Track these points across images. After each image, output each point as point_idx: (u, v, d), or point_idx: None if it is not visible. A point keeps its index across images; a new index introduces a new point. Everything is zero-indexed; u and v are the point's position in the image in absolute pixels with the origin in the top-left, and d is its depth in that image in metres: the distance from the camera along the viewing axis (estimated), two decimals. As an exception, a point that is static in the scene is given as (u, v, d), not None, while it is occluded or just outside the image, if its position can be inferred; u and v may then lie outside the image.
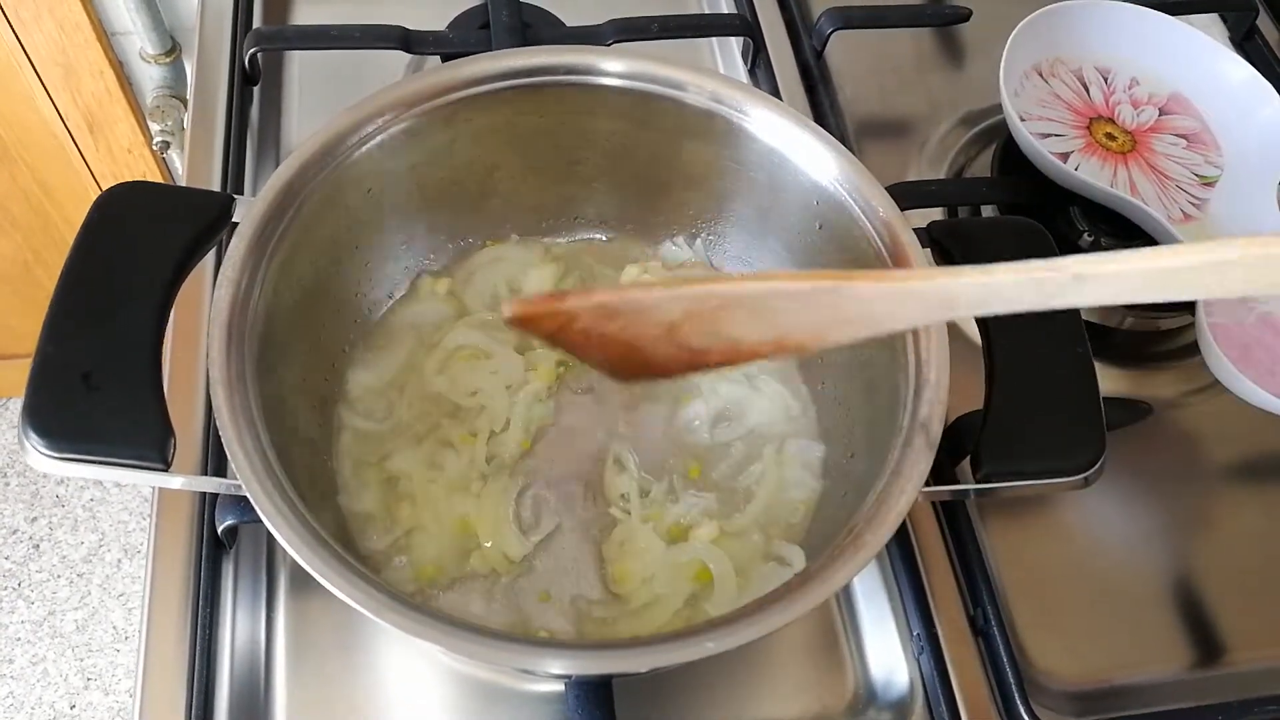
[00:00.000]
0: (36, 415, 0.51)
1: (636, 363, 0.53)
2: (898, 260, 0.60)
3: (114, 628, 1.77)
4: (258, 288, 0.56)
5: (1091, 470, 0.56)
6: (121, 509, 1.88)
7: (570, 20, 0.89)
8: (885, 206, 0.61)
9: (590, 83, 0.65)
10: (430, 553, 0.63)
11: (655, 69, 0.65)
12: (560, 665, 0.48)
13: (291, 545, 0.48)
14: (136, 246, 0.56)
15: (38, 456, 0.51)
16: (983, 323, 0.60)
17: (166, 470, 0.52)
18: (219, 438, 0.51)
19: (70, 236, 0.56)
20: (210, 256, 0.68)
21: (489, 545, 0.64)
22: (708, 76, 0.65)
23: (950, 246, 0.62)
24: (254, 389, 0.54)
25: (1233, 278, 0.39)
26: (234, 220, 0.59)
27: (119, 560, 1.83)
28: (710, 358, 0.51)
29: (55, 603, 1.79)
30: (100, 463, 0.51)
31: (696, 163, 0.69)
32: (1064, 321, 0.60)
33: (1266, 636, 0.70)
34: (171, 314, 0.57)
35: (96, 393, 0.51)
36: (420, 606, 0.48)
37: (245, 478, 0.49)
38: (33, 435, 0.50)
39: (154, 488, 0.67)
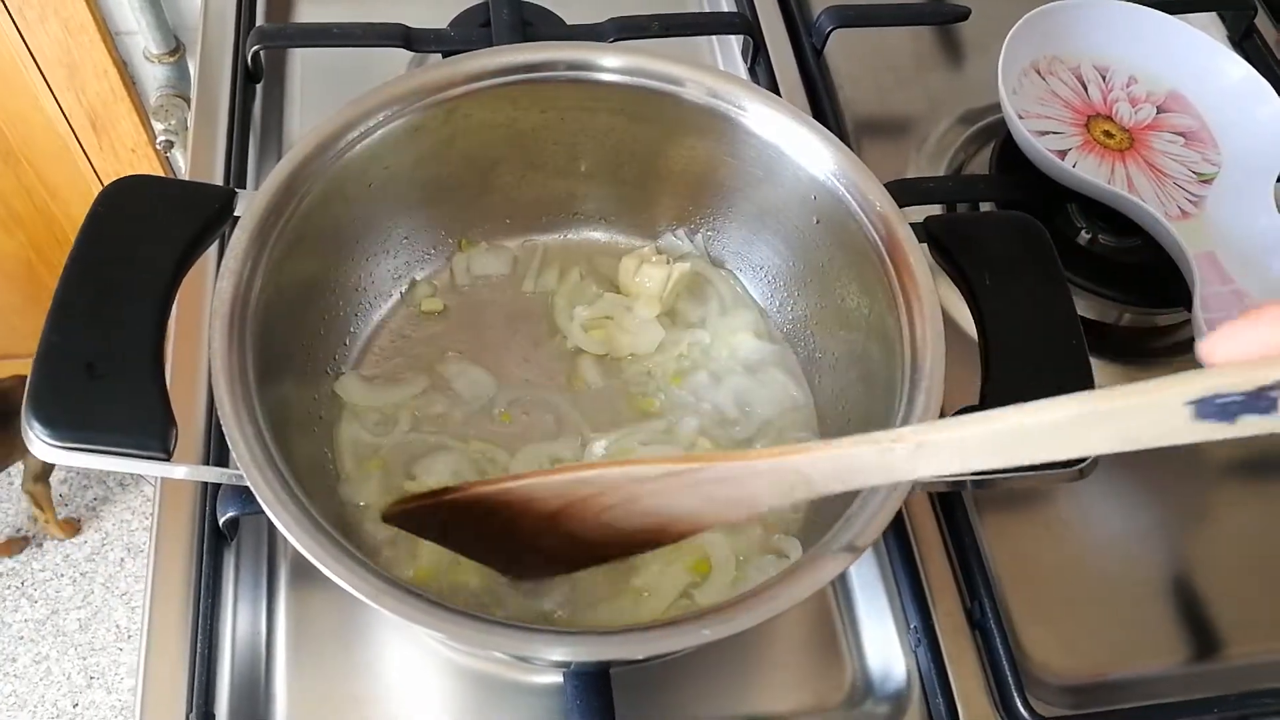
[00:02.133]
0: (40, 404, 0.51)
1: (532, 559, 0.55)
2: (894, 255, 0.60)
3: (117, 627, 1.78)
4: (259, 280, 0.57)
5: (1086, 462, 0.56)
6: (124, 508, 1.89)
7: (571, 18, 0.90)
8: (882, 201, 0.61)
9: (589, 78, 0.66)
10: (429, 545, 0.64)
11: (653, 64, 0.65)
12: (559, 652, 0.48)
13: (291, 532, 0.48)
14: (140, 239, 0.56)
15: (41, 445, 0.51)
16: (978, 317, 0.60)
17: (168, 460, 0.52)
18: (221, 428, 0.52)
19: (74, 235, 0.56)
20: (213, 250, 0.69)
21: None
22: (705, 72, 0.65)
23: (946, 241, 0.63)
24: (255, 380, 0.54)
25: (1090, 434, 0.37)
26: (236, 214, 0.60)
27: (122, 559, 1.84)
28: (601, 550, 0.53)
29: (58, 602, 1.79)
30: (103, 452, 0.51)
31: (695, 158, 0.69)
32: (1060, 317, 0.60)
33: (1262, 630, 0.70)
34: (175, 307, 0.57)
35: (99, 383, 0.52)
36: (420, 593, 0.48)
37: (246, 466, 0.50)
38: (36, 424, 0.51)
39: (157, 481, 0.68)
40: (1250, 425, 0.34)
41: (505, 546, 0.55)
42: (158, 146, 1.25)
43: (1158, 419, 0.35)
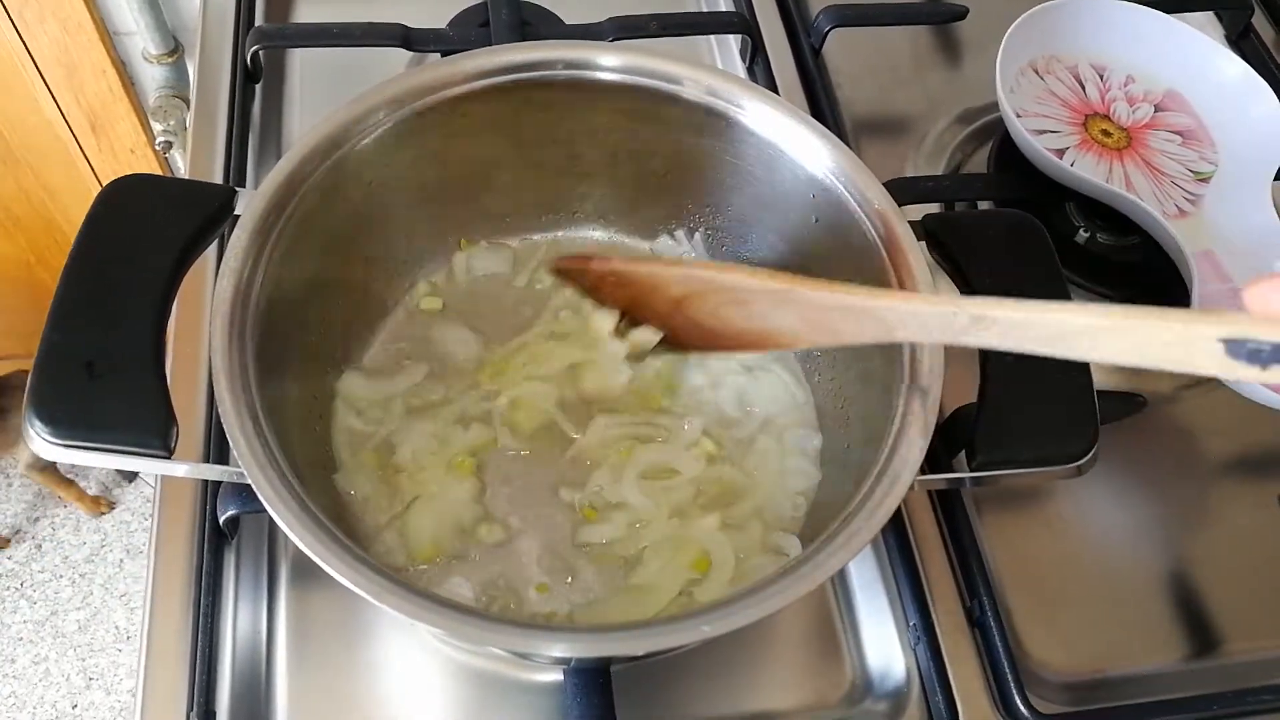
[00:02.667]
0: (41, 403, 0.51)
1: (663, 327, 0.63)
2: (893, 252, 0.60)
3: (116, 628, 1.78)
4: (259, 278, 0.57)
5: (1085, 459, 0.57)
6: (124, 509, 1.89)
7: (569, 18, 0.90)
8: (880, 199, 0.61)
9: (588, 77, 0.66)
10: (428, 530, 0.64)
11: (651, 63, 0.65)
12: (559, 648, 0.48)
13: (292, 529, 0.48)
14: (140, 238, 0.57)
15: (42, 444, 0.51)
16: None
17: (169, 457, 0.52)
18: (221, 426, 0.52)
19: (73, 237, 0.56)
20: (214, 249, 0.69)
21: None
22: (704, 71, 0.66)
23: (944, 239, 0.63)
24: (255, 378, 0.54)
25: (1124, 342, 0.40)
26: (236, 212, 0.60)
27: (121, 560, 1.84)
28: (719, 340, 0.59)
29: (57, 603, 1.79)
30: (103, 449, 0.51)
31: (693, 156, 0.69)
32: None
33: (1260, 628, 0.71)
34: (175, 306, 0.57)
35: (100, 381, 0.52)
36: (420, 590, 0.48)
37: (246, 463, 0.50)
38: (37, 423, 0.51)
39: (157, 480, 0.68)
40: (1277, 374, 0.36)
41: (644, 315, 0.63)
42: (157, 147, 1.25)
43: (1191, 345, 0.38)
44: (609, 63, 0.66)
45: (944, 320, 0.48)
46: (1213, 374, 0.38)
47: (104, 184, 0.68)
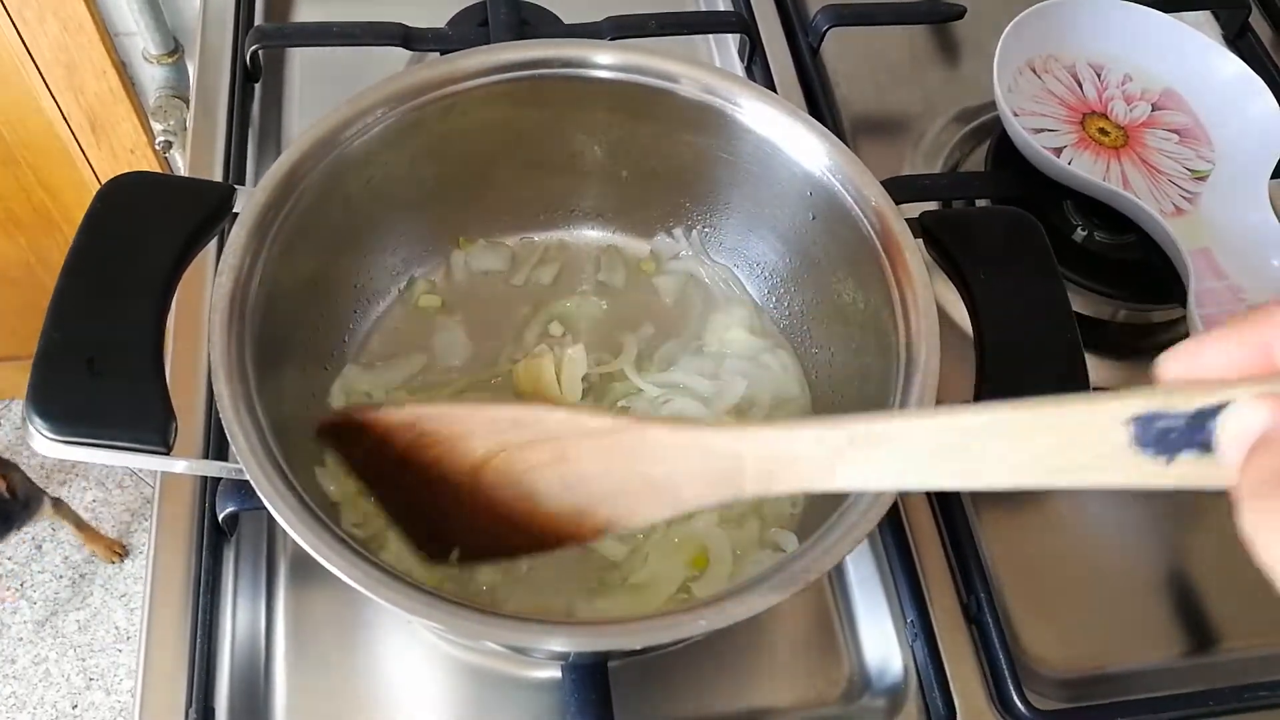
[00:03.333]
0: (40, 399, 0.51)
1: (444, 530, 0.52)
2: (889, 249, 0.60)
3: (116, 628, 1.78)
4: (258, 275, 0.57)
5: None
6: (124, 510, 1.89)
7: (568, 18, 0.90)
8: (877, 196, 0.61)
9: (584, 75, 0.66)
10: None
11: (648, 61, 0.66)
12: (557, 642, 0.48)
13: (289, 524, 0.49)
14: (139, 234, 0.57)
15: (41, 440, 0.51)
16: (973, 312, 0.61)
17: (168, 453, 0.52)
18: (220, 423, 0.52)
19: (73, 237, 0.57)
20: (214, 245, 0.69)
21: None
22: (700, 68, 0.66)
23: (941, 236, 0.63)
24: (254, 375, 0.54)
25: (1021, 450, 0.33)
26: (235, 210, 0.60)
27: (121, 561, 1.84)
28: (515, 535, 0.50)
29: (57, 603, 1.80)
30: (102, 446, 0.52)
31: (691, 154, 0.70)
32: (1055, 311, 0.61)
33: (1257, 625, 0.71)
34: (175, 303, 0.58)
35: (99, 377, 0.52)
36: (418, 585, 0.48)
37: (244, 458, 0.50)
38: (36, 419, 0.51)
39: (156, 477, 0.68)
40: (1187, 469, 0.30)
41: (421, 507, 0.52)
42: (157, 147, 1.25)
43: (1095, 438, 0.31)
44: (605, 61, 0.66)
45: (816, 447, 0.39)
46: (1127, 483, 0.31)
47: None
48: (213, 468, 0.57)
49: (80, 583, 1.82)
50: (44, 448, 0.52)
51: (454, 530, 0.52)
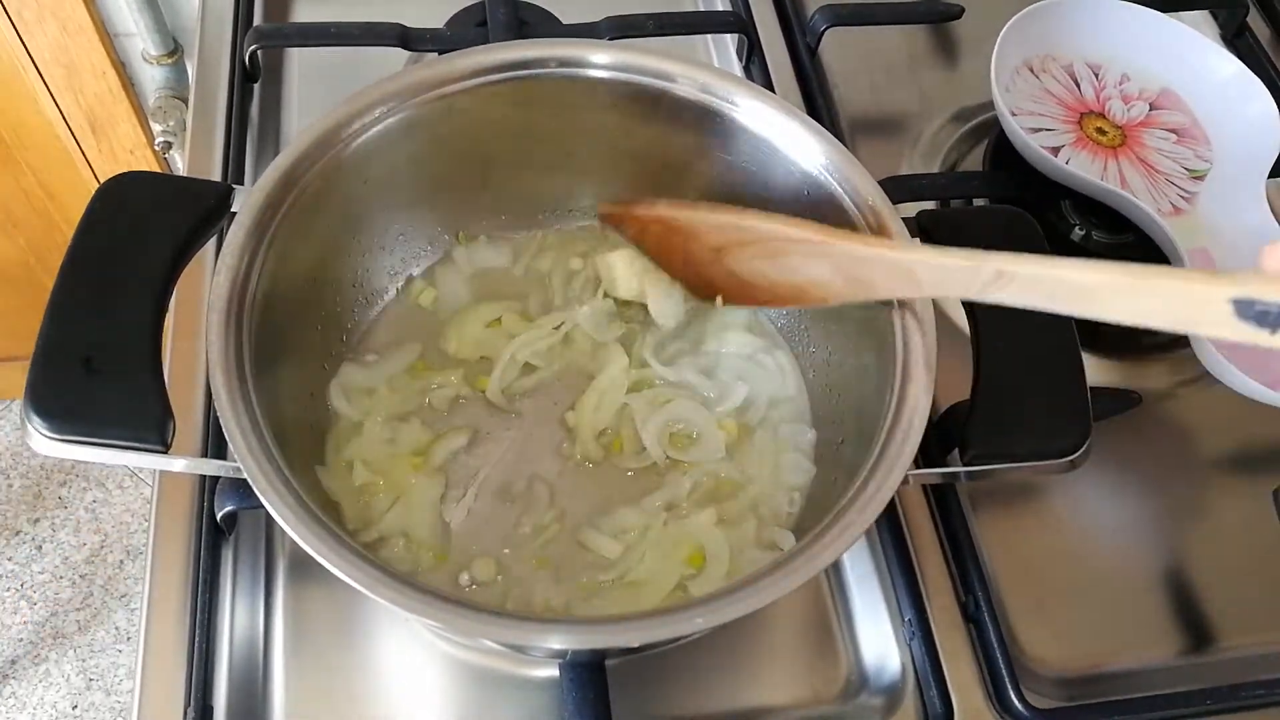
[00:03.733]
0: (38, 398, 0.51)
1: (703, 279, 0.66)
2: (886, 248, 0.61)
3: (116, 629, 1.78)
4: (256, 274, 0.57)
5: (1078, 453, 0.57)
6: (124, 510, 1.89)
7: (567, 18, 0.90)
8: (873, 194, 0.61)
9: (581, 75, 0.66)
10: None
11: (644, 60, 0.66)
12: (554, 640, 0.48)
13: (287, 523, 0.49)
14: (137, 233, 0.57)
15: (39, 439, 0.51)
16: (970, 310, 0.61)
17: (166, 452, 0.52)
18: (219, 421, 0.52)
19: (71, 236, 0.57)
20: (213, 246, 0.70)
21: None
22: (697, 68, 0.66)
23: (938, 234, 0.63)
24: (252, 373, 0.54)
25: (1140, 303, 0.42)
26: (234, 210, 0.60)
27: (121, 561, 1.84)
28: (754, 292, 0.63)
29: (58, 604, 1.80)
30: (100, 444, 0.52)
31: (688, 153, 0.70)
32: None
33: (1254, 623, 0.71)
34: (174, 303, 0.58)
35: (97, 376, 0.52)
36: (415, 583, 0.48)
37: (242, 456, 0.50)
38: (34, 418, 0.51)
39: (155, 476, 0.68)
40: None
41: (686, 263, 0.67)
42: (156, 148, 1.25)
43: (1202, 305, 0.39)
44: (602, 60, 0.66)
45: (968, 275, 0.50)
46: (1220, 335, 0.38)
47: (104, 183, 0.69)
48: (211, 466, 0.57)
49: (80, 583, 1.82)
50: (42, 447, 0.52)
51: (715, 285, 0.66)
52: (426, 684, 0.65)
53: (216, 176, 0.81)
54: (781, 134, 0.65)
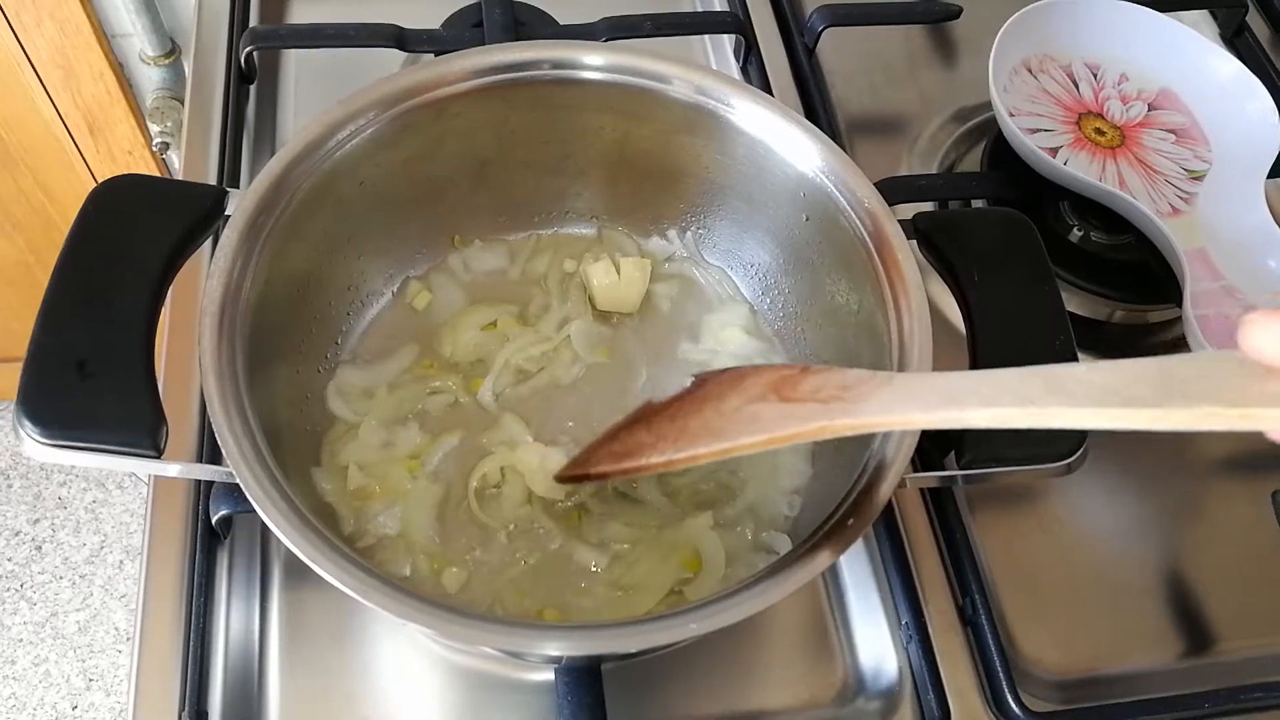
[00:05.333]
0: (31, 403, 0.51)
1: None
2: (882, 251, 0.60)
3: (116, 629, 1.78)
4: (250, 278, 0.57)
5: (1074, 456, 0.57)
6: (123, 510, 1.89)
7: (563, 18, 0.90)
8: (870, 197, 0.61)
9: (575, 77, 0.66)
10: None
11: (639, 62, 0.66)
12: (549, 646, 0.48)
13: (279, 528, 0.49)
14: (130, 237, 0.57)
15: (32, 444, 0.51)
16: (966, 313, 0.60)
17: (159, 457, 0.52)
18: (212, 426, 0.52)
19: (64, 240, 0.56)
20: (207, 249, 0.69)
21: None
22: (693, 70, 0.66)
23: (935, 237, 0.63)
24: (245, 378, 0.54)
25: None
26: (227, 213, 0.60)
27: (121, 562, 1.84)
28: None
29: (57, 604, 1.79)
30: (93, 450, 0.52)
31: (684, 155, 0.70)
32: (1048, 312, 0.61)
33: (1252, 626, 0.70)
34: (168, 307, 0.58)
35: (90, 381, 0.52)
36: (409, 590, 0.48)
37: (235, 462, 0.50)
38: (27, 423, 0.51)
39: (149, 480, 0.68)
40: None
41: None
42: (154, 149, 1.25)
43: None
44: (597, 62, 0.66)
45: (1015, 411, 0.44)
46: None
47: (100, 185, 0.68)
48: (204, 471, 0.57)
49: (80, 584, 1.82)
50: (34, 452, 0.51)
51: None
52: (422, 688, 0.64)
53: (212, 179, 0.81)
54: (778, 136, 0.65)
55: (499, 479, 0.67)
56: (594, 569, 0.64)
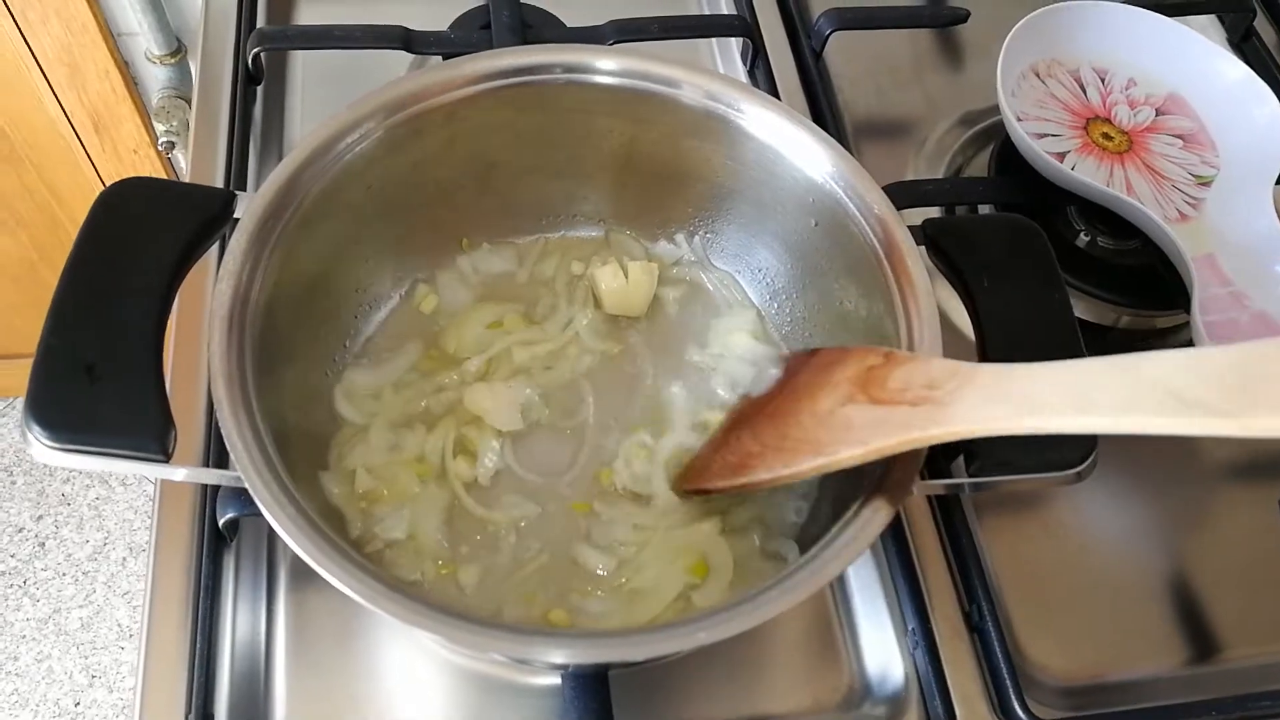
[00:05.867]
0: (39, 407, 0.51)
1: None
2: (892, 257, 0.60)
3: (118, 625, 1.78)
4: (258, 282, 0.57)
5: (1084, 465, 0.56)
6: (126, 507, 1.89)
7: (571, 21, 0.90)
8: (879, 203, 0.61)
9: (586, 80, 0.66)
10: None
11: (650, 67, 0.65)
12: (557, 654, 0.48)
13: (288, 533, 0.48)
14: (139, 241, 0.57)
15: (40, 448, 0.51)
16: (975, 319, 0.60)
17: (167, 462, 0.52)
18: (221, 431, 0.52)
19: (73, 242, 0.56)
20: (215, 253, 0.69)
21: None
22: (702, 74, 0.66)
23: (944, 244, 0.63)
24: (254, 381, 0.54)
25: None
26: (236, 216, 0.60)
27: (124, 558, 1.84)
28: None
29: (60, 600, 1.80)
30: (101, 454, 0.51)
31: (693, 160, 0.69)
32: (1057, 319, 0.60)
33: (1260, 633, 0.70)
34: (176, 310, 0.57)
35: (98, 384, 0.52)
36: (417, 595, 0.48)
37: (243, 466, 0.50)
38: (35, 427, 0.51)
39: (157, 481, 0.68)
40: None
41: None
42: (159, 148, 1.25)
43: None
44: (606, 66, 0.66)
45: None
46: None
47: (107, 183, 0.68)
48: (212, 476, 0.57)
49: (83, 580, 1.82)
50: (43, 456, 0.51)
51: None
52: (428, 691, 0.64)
53: (219, 181, 0.81)
54: (787, 141, 0.65)
55: (472, 444, 0.68)
56: (600, 572, 0.64)
